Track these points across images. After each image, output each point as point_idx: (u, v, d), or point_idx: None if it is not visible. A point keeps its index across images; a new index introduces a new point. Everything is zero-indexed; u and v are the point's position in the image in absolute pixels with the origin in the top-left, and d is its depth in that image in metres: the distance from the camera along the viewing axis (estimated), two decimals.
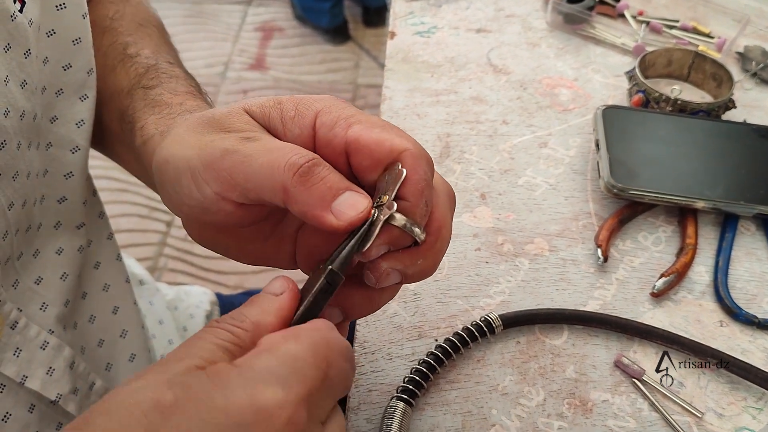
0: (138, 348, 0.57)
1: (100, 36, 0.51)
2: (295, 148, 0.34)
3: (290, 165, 0.33)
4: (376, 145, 0.34)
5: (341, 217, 0.33)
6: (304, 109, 0.36)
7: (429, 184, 0.34)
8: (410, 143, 0.34)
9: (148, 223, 1.93)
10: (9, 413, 0.44)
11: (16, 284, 0.45)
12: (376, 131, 0.34)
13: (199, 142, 0.35)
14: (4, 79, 0.39)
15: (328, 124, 0.35)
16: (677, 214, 0.59)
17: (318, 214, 0.33)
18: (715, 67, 0.69)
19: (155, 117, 0.43)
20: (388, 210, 0.33)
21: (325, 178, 0.33)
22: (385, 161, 0.34)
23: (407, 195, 0.34)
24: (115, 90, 0.49)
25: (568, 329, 0.51)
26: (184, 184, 0.36)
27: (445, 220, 0.36)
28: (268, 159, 0.33)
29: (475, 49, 0.75)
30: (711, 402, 0.47)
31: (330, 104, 0.36)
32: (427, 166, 0.34)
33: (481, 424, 0.46)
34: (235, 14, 2.76)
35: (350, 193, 0.33)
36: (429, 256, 0.36)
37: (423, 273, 0.36)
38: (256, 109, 0.37)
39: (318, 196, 0.33)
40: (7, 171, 0.40)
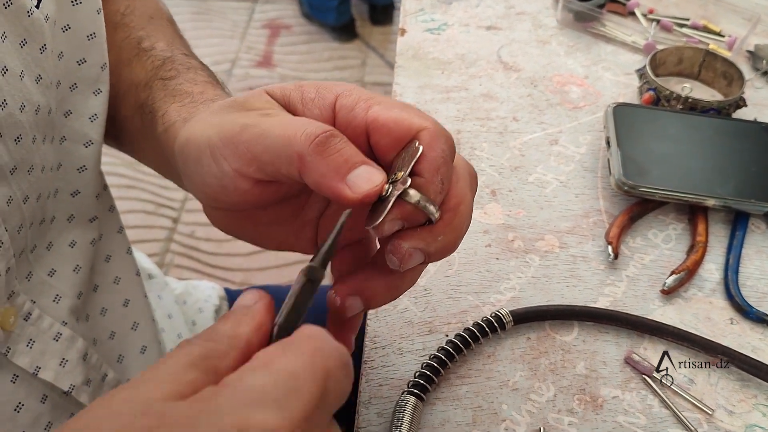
0: (149, 340, 0.57)
1: (113, 31, 0.52)
2: (312, 121, 0.34)
3: (307, 135, 0.33)
4: (394, 124, 0.34)
5: (355, 189, 0.33)
6: (325, 92, 0.36)
7: (446, 161, 0.34)
8: (429, 122, 0.34)
9: (155, 219, 1.93)
10: (21, 403, 0.44)
11: (29, 276, 0.46)
12: (395, 111, 0.35)
13: (220, 121, 0.36)
14: (19, 74, 0.39)
15: (348, 106, 0.35)
16: (688, 212, 0.59)
17: (333, 185, 0.33)
18: (726, 66, 0.69)
19: (177, 105, 0.43)
20: (402, 185, 0.33)
21: (342, 150, 0.33)
22: (404, 140, 0.34)
23: (423, 171, 0.33)
24: (131, 83, 0.49)
25: (578, 326, 0.51)
26: (204, 162, 0.36)
27: (464, 197, 0.36)
28: (286, 129, 0.33)
29: (485, 46, 0.75)
30: (721, 399, 0.47)
31: (350, 88, 0.36)
32: (446, 145, 0.34)
33: (492, 419, 0.46)
34: (243, 11, 2.77)
35: (366, 167, 0.33)
36: (449, 233, 0.35)
37: (445, 250, 0.36)
38: (278, 91, 0.37)
39: (333, 166, 0.33)
40: (22, 165, 0.41)
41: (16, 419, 0.44)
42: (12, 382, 0.43)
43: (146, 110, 0.46)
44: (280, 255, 1.82)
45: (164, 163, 0.47)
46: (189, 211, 1.96)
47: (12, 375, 0.43)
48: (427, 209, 0.33)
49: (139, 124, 0.48)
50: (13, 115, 0.39)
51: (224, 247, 1.86)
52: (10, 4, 0.38)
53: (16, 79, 0.39)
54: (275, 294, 0.84)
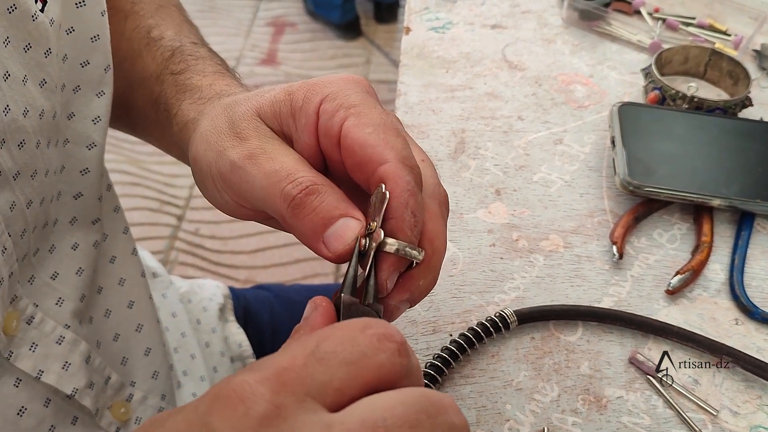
0: (153, 342, 0.57)
1: (123, 21, 0.52)
2: (292, 173, 0.34)
3: (284, 195, 0.34)
4: (359, 149, 0.34)
5: (330, 248, 0.34)
6: (312, 96, 0.36)
7: (413, 193, 0.34)
8: (392, 153, 0.34)
9: (159, 217, 1.93)
10: (24, 407, 0.44)
11: (32, 280, 0.45)
12: (366, 131, 0.34)
13: (217, 146, 0.37)
14: (22, 79, 0.39)
15: (329, 112, 0.35)
16: (693, 212, 0.59)
17: (311, 244, 0.34)
18: (732, 65, 0.69)
19: (187, 102, 0.44)
20: (378, 237, 0.33)
21: (318, 208, 0.33)
22: (365, 167, 0.34)
23: (391, 211, 0.33)
24: (144, 76, 0.49)
25: (582, 326, 0.51)
26: (209, 186, 0.38)
27: (437, 232, 0.35)
28: (267, 184, 0.34)
29: (490, 45, 0.75)
30: (726, 400, 0.47)
31: (338, 89, 0.36)
32: (410, 176, 0.34)
33: (496, 419, 0.46)
34: (247, 9, 2.77)
35: (342, 222, 0.34)
36: (428, 273, 0.35)
37: (427, 290, 0.36)
38: (268, 110, 0.37)
39: (310, 227, 0.34)
40: (26, 170, 0.41)
41: (20, 423, 0.44)
42: (15, 386, 0.43)
43: (160, 107, 0.47)
44: (284, 253, 1.82)
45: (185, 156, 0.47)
46: (193, 209, 1.96)
47: (15, 379, 0.43)
48: (409, 255, 0.34)
49: (155, 118, 0.48)
50: (16, 121, 0.39)
51: (228, 245, 1.86)
52: (14, 8, 0.38)
53: (19, 84, 0.39)
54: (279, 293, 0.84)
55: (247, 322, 0.76)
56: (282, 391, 0.25)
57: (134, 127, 0.54)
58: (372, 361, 0.26)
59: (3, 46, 0.38)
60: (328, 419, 0.25)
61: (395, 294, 0.35)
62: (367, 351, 0.26)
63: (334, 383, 0.26)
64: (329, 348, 0.26)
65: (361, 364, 0.26)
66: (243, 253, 1.85)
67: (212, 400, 0.25)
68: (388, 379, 0.26)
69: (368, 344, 0.26)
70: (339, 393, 0.26)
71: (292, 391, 0.25)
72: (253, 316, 0.77)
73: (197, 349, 0.68)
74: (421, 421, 0.25)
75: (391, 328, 0.28)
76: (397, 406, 0.25)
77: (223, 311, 0.74)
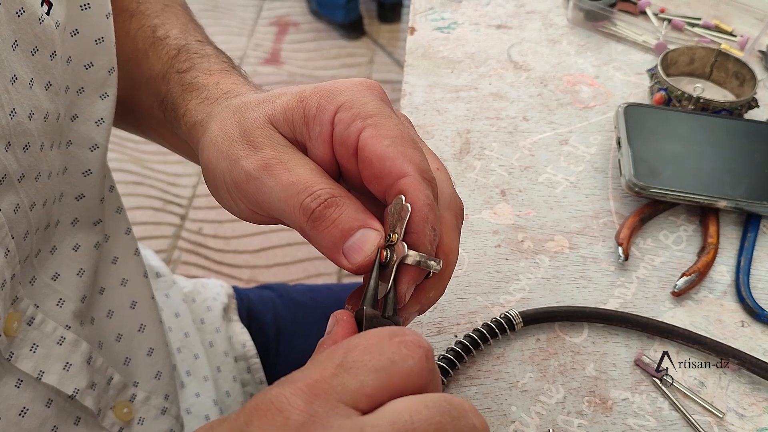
0: (156, 342, 0.57)
1: (129, 20, 0.52)
2: (309, 186, 0.34)
3: (303, 208, 0.34)
4: (378, 161, 0.34)
5: (351, 260, 0.34)
6: (326, 103, 0.36)
7: (432, 207, 0.34)
8: (411, 166, 0.34)
9: (163, 216, 1.93)
10: (26, 408, 0.44)
11: (33, 281, 0.45)
12: (385, 143, 0.34)
13: (230, 154, 0.37)
14: (29, 82, 0.39)
15: (345, 121, 0.35)
16: (699, 213, 0.58)
17: (331, 256, 0.35)
18: (738, 66, 0.69)
19: (195, 102, 0.44)
20: (400, 250, 0.34)
21: (337, 220, 0.34)
22: (384, 179, 0.34)
23: (412, 226, 0.34)
24: (150, 75, 0.49)
25: (588, 327, 0.51)
26: (222, 194, 0.38)
27: (452, 244, 0.36)
28: (285, 197, 0.34)
29: (495, 45, 0.75)
30: (732, 402, 0.47)
31: (354, 97, 0.35)
32: (429, 190, 0.34)
33: (501, 421, 0.45)
34: (251, 9, 2.77)
35: (361, 233, 0.34)
36: (439, 285, 0.37)
37: (434, 301, 0.37)
38: (280, 117, 0.37)
39: (330, 240, 0.34)
40: (30, 172, 0.41)
41: (22, 424, 0.44)
42: (16, 386, 0.43)
43: (167, 106, 0.47)
44: (287, 252, 1.82)
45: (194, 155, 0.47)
46: (197, 208, 1.96)
47: (16, 380, 0.43)
48: (429, 266, 0.34)
49: (162, 117, 0.48)
50: (21, 124, 0.39)
51: (231, 244, 1.86)
52: (22, 12, 0.38)
53: (26, 88, 0.39)
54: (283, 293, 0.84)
55: (250, 321, 0.75)
56: (315, 400, 0.26)
57: (140, 127, 0.54)
58: (401, 367, 0.28)
59: (11, 50, 0.38)
60: (361, 423, 0.26)
61: (409, 306, 0.35)
62: (395, 358, 0.28)
63: (366, 390, 0.27)
64: (357, 357, 0.28)
65: (391, 371, 0.27)
66: (246, 253, 1.85)
67: (251, 412, 0.27)
68: (416, 384, 0.28)
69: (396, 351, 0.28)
70: (370, 399, 0.27)
71: (325, 399, 0.27)
72: (257, 316, 0.77)
73: (201, 349, 0.68)
74: (445, 423, 0.26)
75: (417, 335, 0.29)
76: (422, 409, 0.26)
77: (227, 311, 0.74)
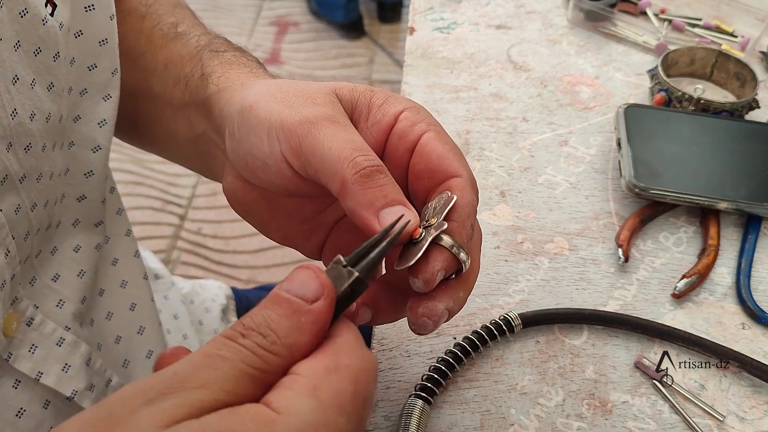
0: (155, 344, 0.57)
1: (140, 21, 0.52)
2: (365, 148, 0.35)
3: (355, 163, 0.34)
4: (437, 157, 0.36)
5: (383, 225, 0.33)
6: (395, 101, 0.38)
7: (473, 211, 0.36)
8: (465, 172, 0.36)
9: (162, 216, 1.93)
10: (23, 409, 0.44)
11: (33, 281, 0.45)
12: (445, 147, 0.36)
13: (285, 100, 0.37)
14: (30, 83, 0.39)
15: (412, 120, 0.37)
16: (699, 215, 0.58)
17: (365, 215, 0.34)
18: (739, 67, 0.69)
19: (236, 71, 0.44)
20: (435, 230, 0.33)
21: (383, 186, 0.34)
22: (437, 174, 0.36)
23: (454, 216, 0.34)
24: (170, 60, 0.49)
25: (587, 329, 0.50)
26: (259, 134, 0.37)
27: (475, 253, 0.37)
28: (338, 147, 0.34)
29: (495, 45, 0.75)
30: (733, 405, 0.47)
31: (418, 107, 0.38)
32: (475, 195, 0.36)
33: (500, 423, 0.45)
34: (250, 8, 2.77)
35: (401, 207, 0.34)
36: (466, 288, 0.36)
37: (461, 306, 0.37)
38: (346, 92, 0.38)
39: (370, 198, 0.34)
40: (31, 173, 0.41)
41: (18, 424, 0.43)
42: (14, 387, 0.43)
43: (195, 76, 0.46)
44: (286, 253, 1.82)
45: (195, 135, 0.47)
46: (196, 209, 1.96)
47: (14, 380, 0.43)
48: (459, 255, 0.34)
49: (180, 93, 0.47)
50: (23, 124, 0.39)
51: (231, 245, 1.86)
52: (25, 12, 0.38)
53: (27, 88, 0.39)
54: None
55: None
56: None
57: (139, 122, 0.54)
58: None
59: (13, 50, 0.38)
60: None
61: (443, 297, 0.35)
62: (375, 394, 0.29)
63: None
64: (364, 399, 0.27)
65: None
66: (245, 253, 1.84)
67: None
68: None
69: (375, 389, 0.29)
70: None
71: None
72: None
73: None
74: None
75: None
76: None
77: (226, 312, 0.74)
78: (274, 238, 0.42)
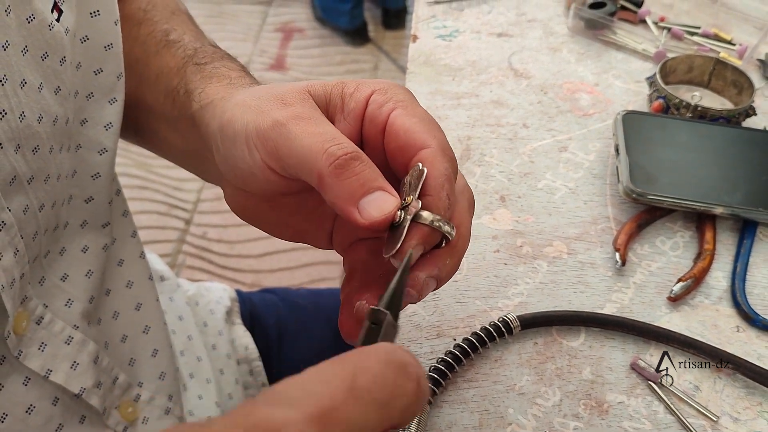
0: (160, 343, 0.58)
1: (137, 27, 0.53)
2: (337, 137, 0.35)
3: (328, 154, 0.34)
4: (404, 133, 0.36)
5: (365, 215, 0.34)
6: (363, 87, 0.38)
7: (449, 179, 0.35)
8: (434, 141, 0.36)
9: (167, 220, 1.95)
10: (33, 406, 0.45)
11: (42, 281, 0.46)
12: (413, 121, 0.36)
13: (258, 107, 0.37)
14: (38, 87, 0.40)
15: (379, 102, 0.37)
16: (695, 220, 0.59)
17: (345, 207, 0.34)
18: (736, 74, 0.70)
19: (215, 85, 0.44)
20: (413, 209, 0.34)
21: (360, 174, 0.34)
22: (407, 150, 0.36)
23: (428, 189, 0.35)
24: (161, 71, 0.50)
25: (585, 331, 0.51)
26: (239, 147, 0.38)
27: (463, 218, 0.37)
28: (310, 142, 0.35)
29: (496, 53, 0.76)
30: (726, 406, 0.47)
31: (389, 86, 0.38)
32: (448, 163, 0.36)
33: (498, 423, 0.46)
34: (256, 15, 2.79)
35: (380, 193, 0.34)
36: (454, 255, 0.37)
37: (451, 273, 0.37)
38: (319, 89, 0.38)
39: (348, 189, 0.34)
40: (39, 174, 0.42)
41: (28, 421, 0.44)
42: (24, 384, 0.44)
43: (180, 92, 0.47)
44: (291, 257, 1.83)
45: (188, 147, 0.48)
46: (201, 213, 1.97)
47: (24, 378, 0.44)
48: (441, 228, 0.34)
49: (169, 108, 0.48)
50: (31, 127, 0.40)
51: (236, 249, 1.87)
52: (33, 18, 0.39)
53: (35, 92, 0.40)
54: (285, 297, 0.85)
55: (253, 325, 0.76)
56: None
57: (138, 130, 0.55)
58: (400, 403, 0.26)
59: (21, 55, 0.39)
60: None
61: (426, 266, 0.35)
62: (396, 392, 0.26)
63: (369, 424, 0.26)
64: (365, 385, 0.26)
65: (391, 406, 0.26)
66: (250, 257, 1.85)
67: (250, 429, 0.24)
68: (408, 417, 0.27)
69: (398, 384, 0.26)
70: None
71: None
72: (260, 320, 0.78)
73: (203, 352, 0.69)
74: None
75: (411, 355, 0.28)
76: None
77: (230, 314, 0.75)
78: (285, 238, 0.42)
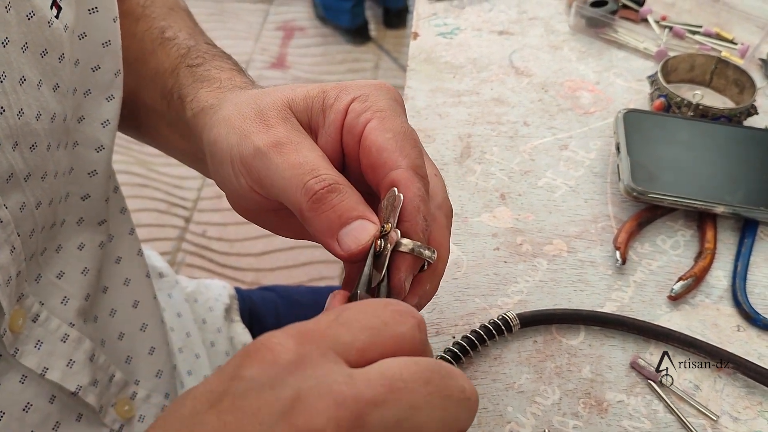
0: (158, 341, 0.58)
1: (135, 23, 0.53)
2: (316, 168, 0.35)
3: (306, 189, 0.34)
4: (376, 151, 0.35)
5: (344, 247, 0.34)
6: (344, 95, 0.37)
7: (423, 198, 0.35)
8: (405, 161, 0.35)
9: (167, 218, 1.94)
10: (30, 403, 0.45)
11: (38, 278, 0.46)
12: (386, 136, 0.36)
13: (241, 129, 0.37)
14: (37, 84, 0.40)
15: (356, 111, 0.36)
16: (696, 219, 0.59)
17: (324, 240, 0.35)
18: (738, 73, 0.69)
19: (206, 90, 0.44)
20: (394, 238, 0.34)
21: (337, 206, 0.34)
22: (378, 169, 0.36)
23: (405, 215, 0.35)
24: (157, 71, 0.50)
25: (584, 330, 0.51)
26: (226, 169, 0.38)
27: (442, 238, 0.37)
28: (290, 175, 0.35)
29: (497, 50, 0.76)
30: (726, 405, 0.47)
31: (369, 92, 0.37)
32: (420, 183, 0.35)
33: (497, 421, 0.46)
34: (257, 13, 2.78)
35: (359, 222, 0.34)
36: (433, 279, 0.37)
37: (431, 296, 0.38)
38: (301, 103, 0.38)
39: (327, 224, 0.34)
40: (36, 172, 0.42)
41: (25, 419, 0.44)
42: (21, 382, 0.44)
43: (174, 96, 0.47)
44: (291, 255, 1.83)
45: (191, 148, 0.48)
46: (201, 211, 1.97)
47: (21, 376, 0.44)
48: (423, 255, 0.35)
49: (166, 109, 0.48)
50: (29, 124, 0.40)
51: (235, 247, 1.87)
52: (32, 15, 0.39)
53: (34, 89, 0.40)
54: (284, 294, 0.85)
55: (252, 322, 0.76)
56: (307, 343, 0.26)
57: (140, 128, 0.55)
58: (393, 329, 0.28)
59: (21, 52, 0.39)
60: (350, 370, 0.26)
61: (408, 298, 0.36)
62: (388, 320, 0.28)
63: (357, 344, 0.27)
64: (352, 315, 0.28)
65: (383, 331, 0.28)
66: (250, 256, 1.85)
67: (242, 356, 0.27)
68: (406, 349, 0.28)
69: (390, 316, 0.28)
70: (360, 353, 0.27)
71: (316, 344, 0.26)
72: (259, 317, 0.77)
73: (202, 349, 0.69)
74: (434, 379, 0.26)
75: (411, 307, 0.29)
76: (411, 365, 0.26)
77: (229, 311, 0.75)
78: (287, 236, 0.43)
